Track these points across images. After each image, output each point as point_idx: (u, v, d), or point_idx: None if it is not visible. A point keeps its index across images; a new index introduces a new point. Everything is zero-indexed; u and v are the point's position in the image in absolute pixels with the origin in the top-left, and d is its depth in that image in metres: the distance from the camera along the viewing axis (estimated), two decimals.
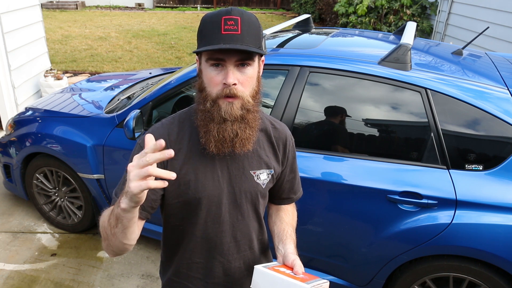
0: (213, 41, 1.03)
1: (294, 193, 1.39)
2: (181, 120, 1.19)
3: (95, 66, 7.40)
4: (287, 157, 1.30)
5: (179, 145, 1.15)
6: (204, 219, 1.18)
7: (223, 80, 1.05)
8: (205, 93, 1.09)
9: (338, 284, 2.36)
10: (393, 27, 8.04)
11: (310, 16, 3.25)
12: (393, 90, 2.16)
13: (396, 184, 2.07)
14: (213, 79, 1.07)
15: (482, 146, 2.03)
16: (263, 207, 1.29)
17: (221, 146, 1.10)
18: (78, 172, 2.84)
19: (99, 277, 2.74)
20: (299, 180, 1.41)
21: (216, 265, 1.24)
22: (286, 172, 1.32)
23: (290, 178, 1.35)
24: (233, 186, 1.18)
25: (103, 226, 1.06)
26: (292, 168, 1.35)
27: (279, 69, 2.35)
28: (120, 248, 1.06)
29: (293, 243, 1.23)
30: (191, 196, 1.15)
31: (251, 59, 1.06)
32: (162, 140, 0.84)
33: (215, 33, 1.03)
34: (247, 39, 1.03)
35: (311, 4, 12.60)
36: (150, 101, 2.62)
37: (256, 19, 1.09)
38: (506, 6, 5.31)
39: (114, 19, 12.65)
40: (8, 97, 4.54)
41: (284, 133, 1.29)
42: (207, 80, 1.08)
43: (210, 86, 1.08)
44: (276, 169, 1.27)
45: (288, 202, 1.39)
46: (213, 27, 1.04)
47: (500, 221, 1.92)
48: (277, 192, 1.35)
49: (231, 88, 1.05)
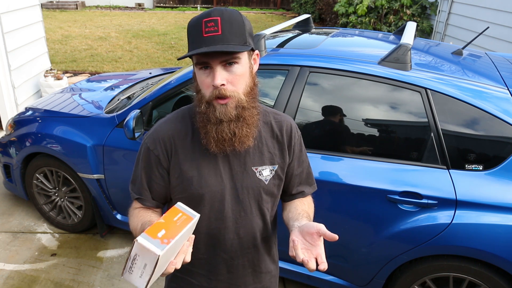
0: (196, 45, 1.05)
1: (304, 186, 1.34)
2: (185, 116, 1.22)
3: (95, 66, 7.41)
4: (293, 149, 1.28)
5: (183, 142, 1.18)
6: (208, 215, 1.20)
7: (211, 81, 1.07)
8: (200, 95, 1.12)
9: (338, 284, 2.36)
10: (393, 27, 8.04)
11: (310, 16, 3.25)
12: (393, 90, 2.16)
13: (396, 184, 2.07)
14: (203, 82, 1.09)
15: (482, 146, 2.03)
16: (268, 204, 1.26)
17: (222, 146, 1.13)
18: (78, 172, 2.84)
19: (99, 277, 2.74)
20: (311, 174, 1.37)
21: (220, 262, 1.25)
22: (293, 165, 1.29)
23: (299, 172, 1.32)
24: (235, 183, 1.19)
25: (133, 228, 1.19)
26: (300, 161, 1.31)
27: (279, 69, 2.35)
28: None
29: (307, 220, 1.18)
30: (194, 191, 1.17)
31: (236, 56, 1.07)
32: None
33: (198, 36, 1.05)
34: (228, 37, 1.04)
35: (311, 4, 12.60)
36: (150, 101, 2.62)
37: (239, 15, 1.09)
38: (506, 6, 5.31)
39: (114, 19, 12.65)
40: (8, 97, 4.54)
41: (288, 126, 1.27)
42: (199, 83, 1.11)
43: (203, 89, 1.11)
44: (281, 164, 1.25)
45: (300, 196, 1.34)
46: (196, 31, 1.06)
47: (500, 221, 1.92)
48: (287, 188, 1.32)
49: (220, 89, 1.06)
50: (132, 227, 1.21)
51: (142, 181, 1.22)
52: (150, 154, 1.20)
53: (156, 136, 1.19)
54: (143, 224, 1.13)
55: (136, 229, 1.17)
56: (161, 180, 1.21)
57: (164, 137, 1.18)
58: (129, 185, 1.28)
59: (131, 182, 1.28)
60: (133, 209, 1.26)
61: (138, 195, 1.24)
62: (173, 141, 1.18)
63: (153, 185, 1.22)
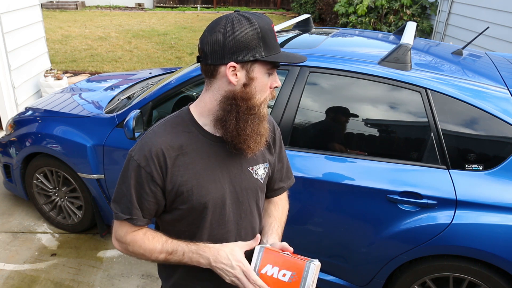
0: (274, 50, 1.09)
1: (284, 181, 1.40)
2: (173, 126, 1.16)
3: (95, 66, 7.41)
4: (276, 146, 1.33)
5: (177, 152, 1.13)
6: (210, 222, 1.18)
7: (273, 84, 1.13)
8: (254, 100, 1.11)
9: (338, 284, 2.36)
10: (393, 27, 8.03)
11: (310, 16, 3.25)
12: (393, 90, 2.16)
13: (396, 184, 2.07)
14: (266, 85, 1.12)
15: (482, 146, 2.03)
16: (262, 201, 1.32)
17: (259, 143, 1.15)
18: (78, 172, 2.84)
19: (99, 277, 2.74)
20: (289, 167, 1.43)
21: None
22: (275, 161, 1.34)
23: (279, 168, 1.37)
24: (234, 185, 1.19)
25: (148, 256, 1.18)
26: (280, 157, 1.36)
27: (279, 69, 2.34)
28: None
29: (277, 237, 1.27)
30: (195, 201, 1.14)
31: None
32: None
33: (274, 41, 1.10)
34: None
35: (311, 4, 12.59)
36: (150, 101, 2.62)
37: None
38: (506, 6, 5.31)
39: (114, 19, 12.65)
40: (8, 97, 4.54)
41: (271, 124, 1.31)
42: (261, 87, 1.11)
43: (261, 93, 1.12)
44: (270, 160, 1.30)
45: (280, 192, 1.40)
46: (272, 35, 1.10)
47: (500, 221, 1.92)
48: (268, 184, 1.36)
49: (273, 90, 1.15)
50: (146, 251, 1.16)
51: (132, 200, 1.15)
52: (141, 171, 1.12)
53: (148, 152, 1.11)
54: (165, 243, 1.16)
55: (153, 251, 1.16)
56: (153, 198, 1.14)
57: (158, 152, 1.11)
58: (111, 205, 1.19)
59: (114, 201, 1.18)
60: (132, 234, 1.18)
61: (128, 215, 1.15)
62: (167, 155, 1.11)
63: (143, 203, 1.15)
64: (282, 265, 1.10)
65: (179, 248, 1.14)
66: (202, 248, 1.14)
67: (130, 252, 1.20)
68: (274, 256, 1.12)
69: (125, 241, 1.19)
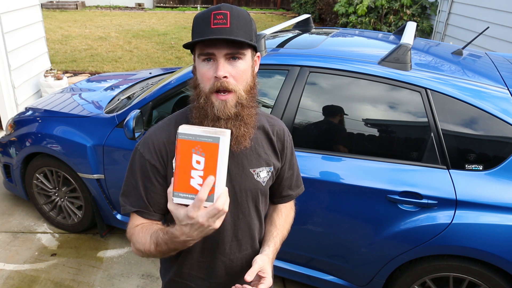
0: (203, 35, 1.04)
1: (293, 189, 1.38)
2: (177, 121, 1.19)
3: (95, 66, 7.40)
4: (286, 153, 1.30)
5: None
6: None
7: (214, 73, 1.05)
8: (199, 90, 1.09)
9: (338, 284, 2.36)
10: (393, 27, 8.04)
11: (310, 16, 3.25)
12: (393, 90, 2.16)
13: (396, 184, 2.07)
14: (205, 74, 1.07)
15: (482, 146, 2.03)
16: (263, 204, 1.29)
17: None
18: (78, 172, 2.84)
19: (99, 277, 2.74)
20: (299, 176, 1.41)
21: (219, 264, 1.24)
22: (285, 168, 1.32)
23: (289, 175, 1.35)
24: (234, 185, 1.18)
25: (144, 250, 1.10)
26: (291, 164, 1.34)
27: (279, 69, 2.35)
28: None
29: (273, 246, 1.25)
30: None
31: (242, 52, 1.06)
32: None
33: (205, 27, 1.04)
34: (236, 31, 1.04)
35: (311, 4, 12.59)
36: (150, 101, 2.62)
37: (247, 14, 1.10)
38: (506, 6, 5.31)
39: (114, 19, 12.65)
40: (8, 97, 4.54)
41: (281, 129, 1.29)
42: (200, 76, 1.09)
43: (203, 82, 1.08)
44: (276, 165, 1.27)
45: (288, 199, 1.38)
46: (204, 22, 1.05)
47: (500, 221, 1.92)
48: (276, 190, 1.35)
49: (222, 81, 1.04)
50: (140, 244, 1.11)
51: (140, 193, 1.15)
52: (146, 163, 1.15)
53: (151, 145, 1.15)
54: (153, 233, 1.07)
55: (145, 243, 1.09)
56: (160, 190, 1.16)
57: (160, 145, 1.14)
58: (120, 198, 1.20)
59: (123, 195, 1.19)
60: (133, 228, 1.15)
61: (137, 207, 1.16)
62: (168, 147, 1.14)
63: (152, 195, 1.16)
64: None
65: (159, 239, 1.07)
66: (171, 232, 1.03)
67: (136, 248, 1.14)
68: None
69: (129, 236, 1.16)
